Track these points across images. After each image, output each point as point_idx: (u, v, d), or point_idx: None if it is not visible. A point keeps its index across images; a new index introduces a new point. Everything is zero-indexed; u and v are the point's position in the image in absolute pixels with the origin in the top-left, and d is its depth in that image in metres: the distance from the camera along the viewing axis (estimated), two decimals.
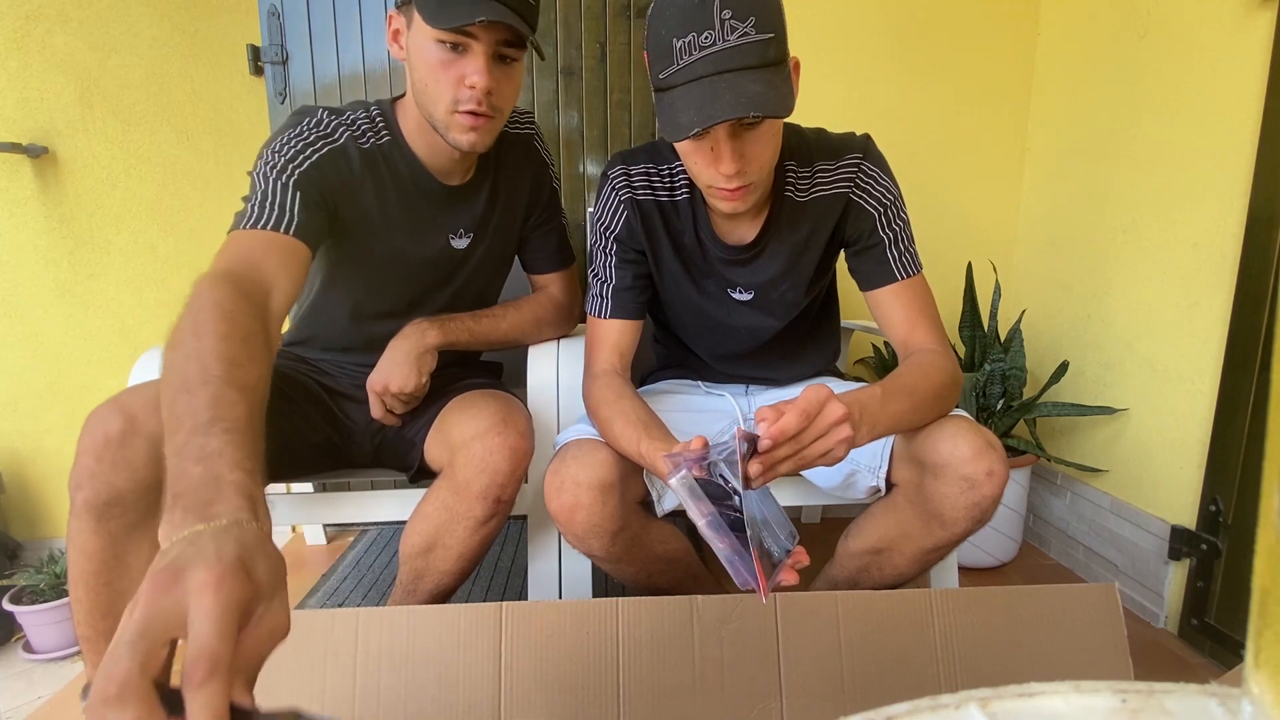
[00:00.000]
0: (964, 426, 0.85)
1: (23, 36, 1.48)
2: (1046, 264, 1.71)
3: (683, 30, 0.72)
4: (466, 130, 0.88)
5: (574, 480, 0.86)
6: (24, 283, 1.56)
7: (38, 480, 1.64)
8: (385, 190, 0.95)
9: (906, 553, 0.92)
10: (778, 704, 0.79)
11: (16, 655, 1.35)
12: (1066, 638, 0.84)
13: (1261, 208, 1.15)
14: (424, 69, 0.87)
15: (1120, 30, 1.47)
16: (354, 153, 0.91)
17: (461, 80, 0.85)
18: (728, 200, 0.84)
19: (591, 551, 0.91)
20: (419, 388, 0.98)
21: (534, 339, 1.14)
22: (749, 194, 0.84)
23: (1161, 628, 1.35)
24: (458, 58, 0.85)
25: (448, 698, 0.77)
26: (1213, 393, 1.24)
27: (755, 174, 0.82)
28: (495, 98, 0.88)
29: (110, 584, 0.74)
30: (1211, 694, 0.23)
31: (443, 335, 1.01)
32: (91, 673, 0.77)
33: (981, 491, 0.82)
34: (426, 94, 0.88)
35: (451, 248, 1.03)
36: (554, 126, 1.69)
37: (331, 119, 0.91)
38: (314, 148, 0.88)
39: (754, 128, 0.78)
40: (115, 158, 1.55)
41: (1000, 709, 0.23)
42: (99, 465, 0.71)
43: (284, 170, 0.85)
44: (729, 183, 0.80)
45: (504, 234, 1.08)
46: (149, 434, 0.73)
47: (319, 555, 1.72)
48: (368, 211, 0.94)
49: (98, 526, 0.72)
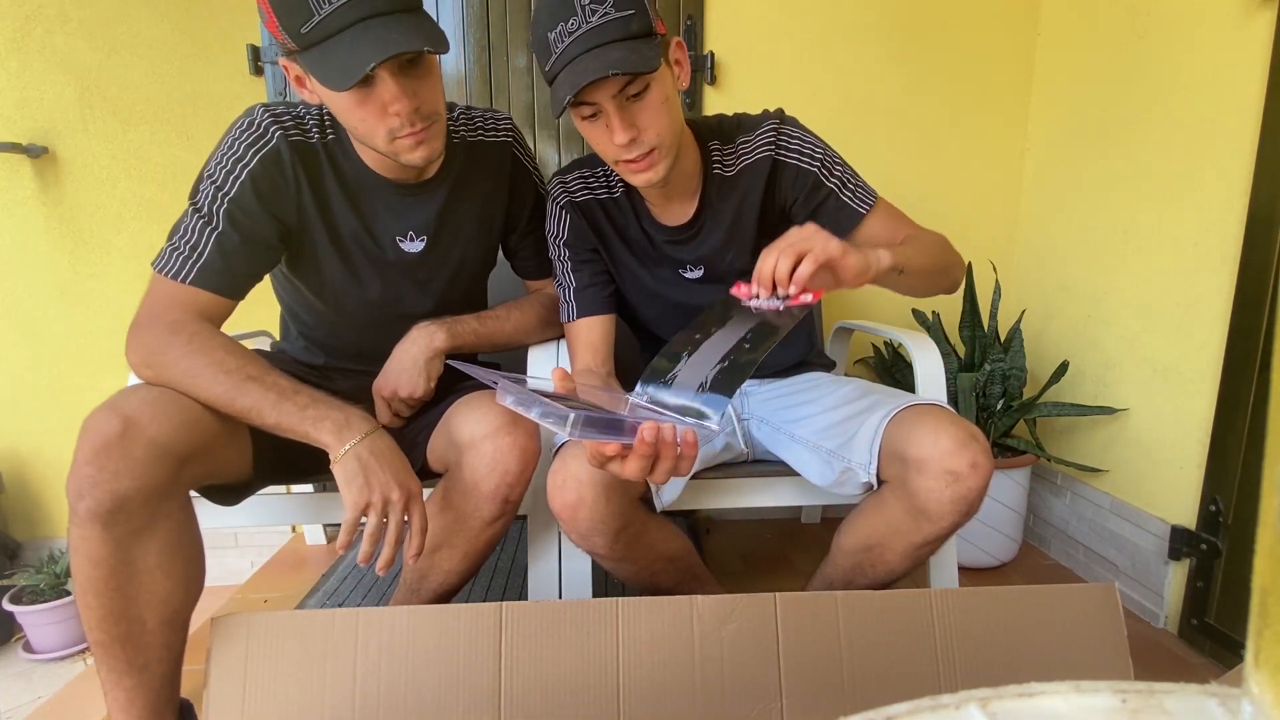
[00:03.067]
0: (945, 419, 0.86)
1: (23, 36, 1.48)
2: (1046, 264, 1.71)
3: (552, 22, 0.80)
4: (413, 149, 0.86)
5: (576, 478, 0.86)
6: (24, 283, 1.56)
7: (38, 480, 1.64)
8: (323, 188, 0.93)
9: (897, 549, 0.92)
10: (777, 704, 0.79)
11: (16, 655, 1.35)
12: (1066, 638, 0.84)
13: (1261, 207, 1.15)
14: (344, 113, 0.84)
15: (1120, 30, 1.47)
16: (286, 152, 0.89)
17: (385, 111, 0.82)
18: (638, 171, 0.88)
19: (594, 549, 0.91)
20: (427, 393, 0.98)
21: (536, 339, 1.13)
22: (656, 161, 0.87)
23: (1161, 628, 1.35)
24: (370, 91, 0.80)
25: (447, 698, 0.77)
26: (1213, 392, 1.24)
27: (653, 140, 0.86)
28: (425, 106, 0.84)
29: (120, 589, 0.74)
30: (1211, 694, 0.23)
31: (450, 339, 1.00)
32: (106, 677, 0.78)
33: (966, 485, 0.82)
34: (358, 133, 0.87)
35: (401, 250, 1.00)
36: (553, 127, 1.69)
37: (266, 117, 0.88)
38: (243, 162, 0.87)
39: (639, 99, 0.84)
40: (115, 158, 1.55)
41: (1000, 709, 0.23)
42: (100, 473, 0.70)
43: (214, 200, 0.87)
44: (628, 152, 0.85)
45: (471, 241, 1.05)
46: (150, 438, 0.73)
47: (319, 555, 1.72)
48: (305, 210, 0.93)
49: (104, 534, 0.71)
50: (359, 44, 0.76)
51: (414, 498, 0.81)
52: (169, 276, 0.86)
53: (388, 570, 0.78)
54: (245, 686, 0.77)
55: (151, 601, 0.76)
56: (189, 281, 0.86)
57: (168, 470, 0.74)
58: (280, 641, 0.78)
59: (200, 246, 0.87)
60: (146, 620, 0.76)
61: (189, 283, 0.86)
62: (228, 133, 0.89)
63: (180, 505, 0.79)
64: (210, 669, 0.77)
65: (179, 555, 0.78)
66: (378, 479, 0.78)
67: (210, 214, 0.87)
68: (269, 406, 0.80)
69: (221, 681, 0.77)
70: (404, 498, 0.79)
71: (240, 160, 0.87)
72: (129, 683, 0.78)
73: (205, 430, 0.80)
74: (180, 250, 0.87)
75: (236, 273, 0.89)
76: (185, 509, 0.80)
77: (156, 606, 0.77)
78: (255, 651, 0.77)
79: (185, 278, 0.86)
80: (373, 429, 0.82)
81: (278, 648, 0.78)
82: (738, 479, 1.08)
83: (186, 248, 0.87)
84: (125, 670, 0.77)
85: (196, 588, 0.82)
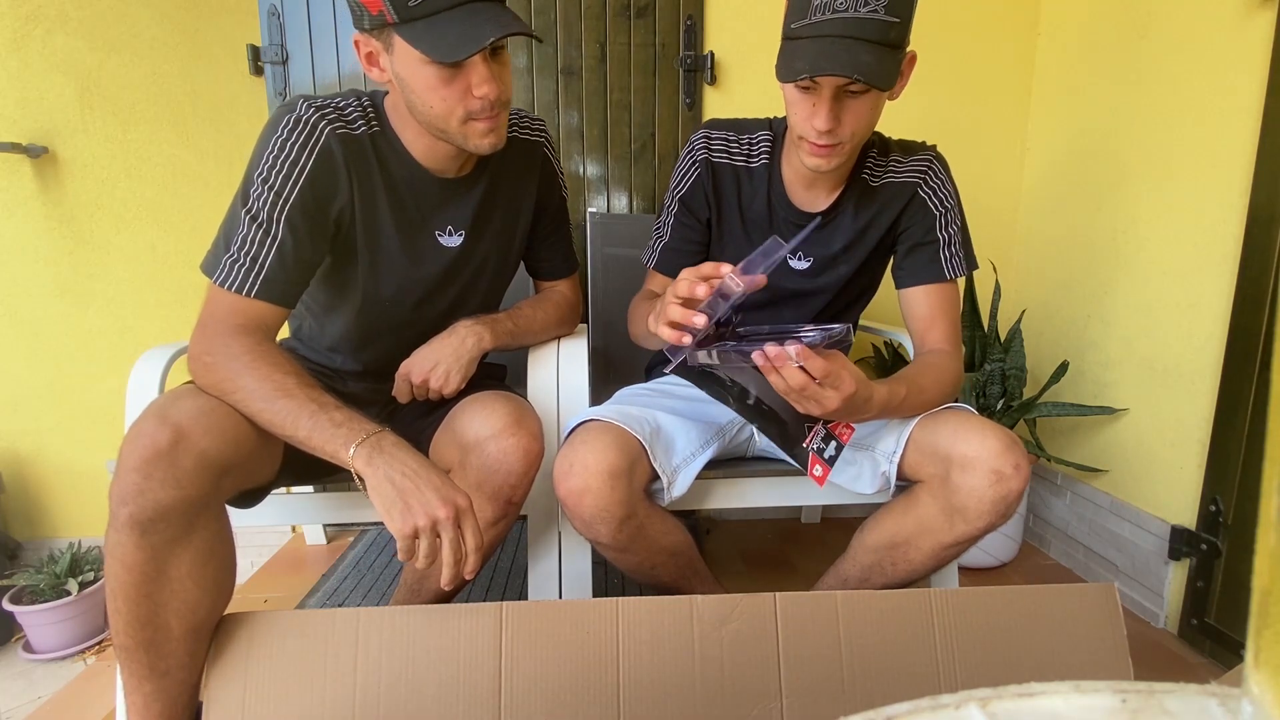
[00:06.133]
0: (988, 423, 0.90)
1: (23, 36, 1.48)
2: (1046, 263, 1.71)
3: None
4: (485, 135, 0.88)
5: (584, 465, 0.86)
6: (24, 283, 1.56)
7: (38, 480, 1.64)
8: (369, 181, 0.93)
9: (924, 548, 0.94)
10: (778, 704, 0.79)
11: (16, 655, 1.35)
12: (1066, 638, 0.84)
13: (1262, 207, 1.15)
14: (423, 91, 0.84)
15: (1120, 29, 1.47)
16: (336, 148, 0.88)
17: (468, 93, 0.84)
18: (814, 155, 0.91)
19: (597, 538, 0.91)
20: (456, 390, 0.98)
21: (554, 336, 1.14)
22: (835, 155, 0.91)
23: (1161, 628, 1.35)
24: (459, 72, 0.83)
25: (447, 698, 0.77)
26: (1213, 392, 1.24)
27: (847, 136, 0.89)
28: (505, 94, 0.88)
29: (150, 596, 0.73)
30: (1211, 694, 0.23)
31: (494, 339, 1.01)
32: (127, 680, 0.77)
33: (1009, 485, 0.85)
34: (432, 112, 0.86)
35: (439, 244, 1.00)
36: (554, 126, 1.68)
37: (312, 113, 0.87)
38: (298, 165, 0.86)
39: (856, 96, 0.86)
40: (115, 158, 1.55)
41: (1000, 709, 0.23)
42: (147, 481, 0.69)
43: (272, 206, 0.85)
44: (820, 138, 0.88)
45: (503, 237, 1.06)
46: (200, 451, 0.72)
47: (319, 555, 1.72)
48: (354, 205, 0.93)
49: (140, 541, 0.70)
50: (473, 21, 0.80)
51: (464, 513, 0.75)
52: (231, 289, 0.84)
53: (454, 585, 0.76)
54: (245, 686, 0.76)
55: (180, 609, 0.75)
56: (253, 295, 0.84)
57: (211, 483, 0.73)
58: (280, 641, 0.78)
59: (261, 259, 0.85)
60: (173, 628, 0.76)
61: (253, 296, 0.84)
62: (274, 131, 0.86)
63: (216, 515, 0.78)
64: (210, 668, 0.77)
65: (211, 564, 0.77)
66: (419, 499, 0.73)
67: (269, 221, 0.85)
68: (306, 418, 0.78)
69: (221, 681, 0.77)
70: (451, 513, 0.74)
71: (295, 163, 0.85)
72: (149, 688, 0.77)
73: (249, 443, 0.79)
74: (240, 262, 0.84)
75: (293, 281, 0.88)
76: (220, 518, 0.80)
77: (184, 614, 0.76)
78: (255, 651, 0.77)
79: (249, 291, 0.84)
80: (396, 441, 0.79)
81: (278, 647, 0.78)
82: (739, 479, 1.08)
83: (247, 260, 0.84)
84: (146, 675, 0.77)
85: (225, 597, 0.81)
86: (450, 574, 0.74)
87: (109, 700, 1.18)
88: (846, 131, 0.88)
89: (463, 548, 0.75)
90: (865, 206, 1.03)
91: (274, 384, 0.79)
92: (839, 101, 0.86)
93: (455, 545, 0.74)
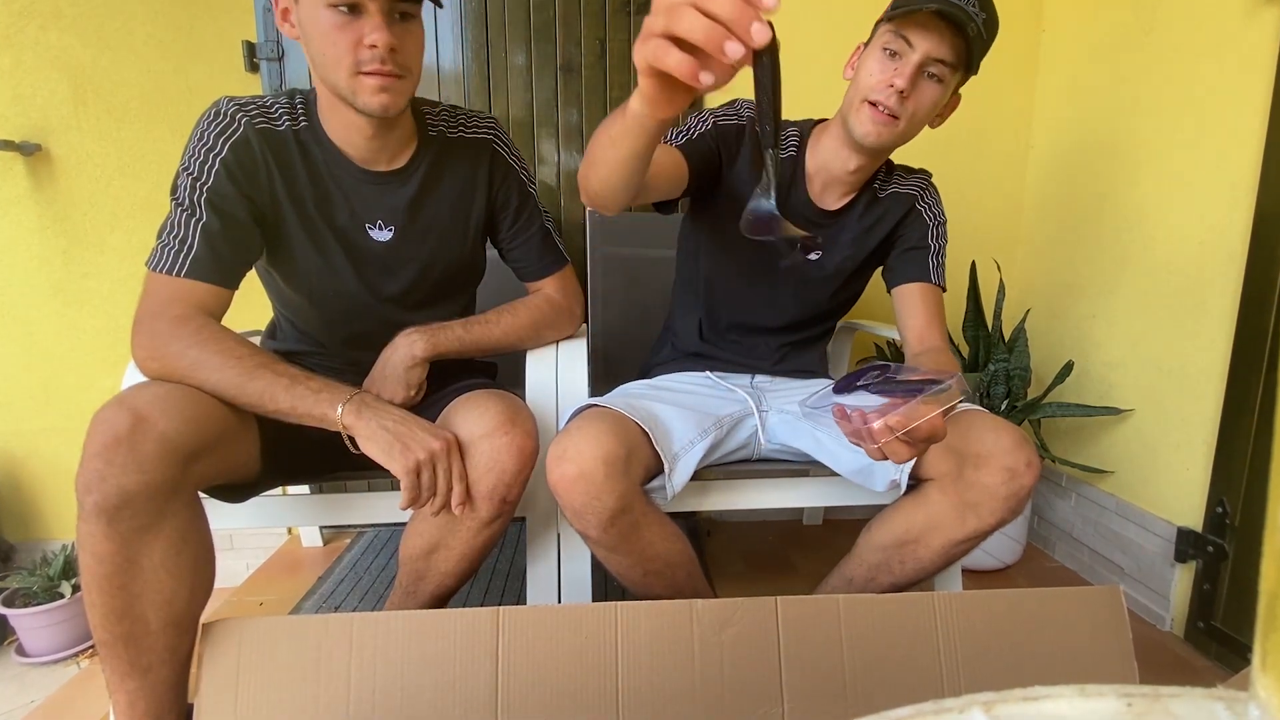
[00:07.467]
0: (1000, 420, 0.92)
1: (15, 33, 1.46)
2: (1050, 263, 1.70)
3: None
4: (376, 92, 0.86)
5: (577, 450, 0.84)
6: (17, 282, 1.55)
7: (31, 481, 1.63)
8: (294, 175, 0.94)
9: (934, 545, 0.94)
10: (779, 708, 0.78)
11: (9, 659, 1.33)
12: (1071, 640, 0.83)
13: (1269, 206, 1.14)
14: (319, 38, 0.84)
15: (1125, 26, 1.46)
16: (254, 140, 0.90)
17: (360, 41, 0.83)
18: (874, 120, 0.96)
19: (587, 531, 0.88)
20: (407, 400, 0.98)
21: (533, 344, 1.11)
22: (890, 128, 0.96)
23: (1167, 630, 1.34)
24: (353, 19, 0.83)
25: (444, 703, 0.76)
26: (1219, 393, 1.23)
27: (908, 114, 0.96)
28: (400, 55, 0.85)
29: (125, 587, 0.73)
30: (1218, 697, 0.23)
31: (430, 348, 0.99)
32: (110, 678, 0.77)
33: (1020, 482, 0.87)
34: (326, 63, 0.86)
35: (370, 238, 1.00)
36: (553, 124, 1.67)
37: (231, 107, 0.91)
38: (215, 151, 0.89)
39: (932, 81, 0.94)
40: (109, 155, 1.54)
41: (1004, 713, 0.23)
42: (108, 468, 0.69)
43: (192, 190, 0.88)
44: (890, 97, 0.93)
45: (444, 236, 1.04)
46: (160, 433, 0.72)
47: (315, 557, 1.71)
48: (277, 197, 0.93)
49: (109, 530, 0.70)
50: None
51: (452, 446, 0.85)
52: (163, 272, 0.86)
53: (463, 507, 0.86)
54: (237, 693, 0.75)
55: (156, 601, 0.75)
56: (183, 274, 0.86)
57: (176, 467, 0.73)
58: (273, 647, 0.76)
59: (188, 239, 0.87)
60: (150, 620, 0.75)
61: (183, 275, 0.86)
62: (196, 126, 0.91)
63: (187, 504, 0.78)
64: (201, 675, 0.76)
65: (184, 554, 0.77)
66: (415, 439, 0.83)
67: (191, 205, 0.88)
68: (281, 390, 0.82)
69: (213, 688, 0.75)
70: (445, 446, 0.84)
71: (212, 149, 0.89)
72: (131, 685, 0.77)
73: (215, 426, 0.79)
74: (170, 245, 0.87)
75: (225, 259, 0.89)
76: (192, 507, 0.79)
77: (161, 606, 0.75)
78: (247, 657, 0.76)
79: (179, 271, 0.86)
80: (385, 404, 0.88)
81: (270, 653, 0.76)
82: (742, 479, 1.07)
83: (175, 241, 0.87)
84: (128, 672, 0.76)
85: (203, 589, 0.81)
86: (460, 490, 0.85)
87: (102, 704, 1.17)
88: (910, 107, 0.95)
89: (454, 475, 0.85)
90: (871, 211, 1.12)
91: (238, 363, 0.82)
92: (919, 75, 0.93)
93: (449, 475, 0.84)
